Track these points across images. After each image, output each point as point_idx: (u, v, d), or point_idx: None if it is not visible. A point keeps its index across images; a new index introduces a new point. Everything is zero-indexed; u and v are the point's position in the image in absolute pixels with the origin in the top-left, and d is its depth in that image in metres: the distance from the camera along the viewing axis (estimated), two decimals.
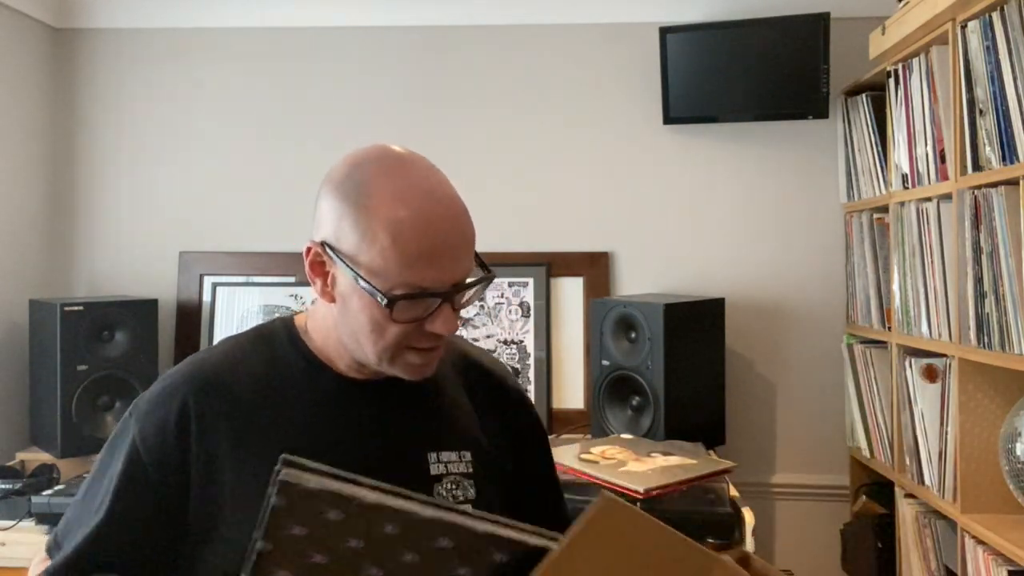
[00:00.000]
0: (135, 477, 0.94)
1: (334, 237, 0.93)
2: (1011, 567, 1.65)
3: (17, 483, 2.05)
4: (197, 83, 2.71)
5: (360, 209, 0.91)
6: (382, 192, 0.91)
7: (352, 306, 0.94)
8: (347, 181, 0.93)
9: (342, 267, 0.92)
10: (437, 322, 0.93)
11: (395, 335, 0.93)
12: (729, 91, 2.51)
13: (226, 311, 2.59)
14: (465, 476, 1.01)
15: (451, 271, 0.92)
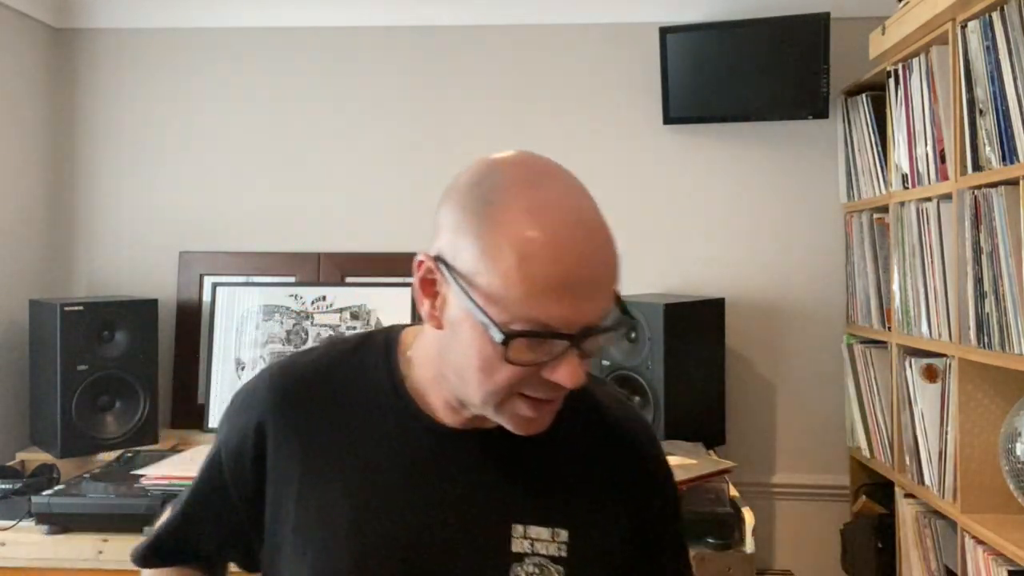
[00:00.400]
0: (214, 481, 0.94)
1: (451, 252, 0.78)
2: (1011, 567, 1.65)
3: (17, 483, 2.05)
4: (197, 83, 2.71)
5: (485, 220, 0.75)
6: (514, 203, 0.75)
7: (462, 336, 0.78)
8: (475, 187, 0.79)
9: (455, 288, 0.77)
10: (559, 370, 0.76)
11: (506, 378, 0.77)
12: (729, 91, 2.51)
13: (226, 311, 2.59)
14: (554, 560, 0.84)
15: (585, 310, 0.75)
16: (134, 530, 1.86)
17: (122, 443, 2.31)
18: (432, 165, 2.67)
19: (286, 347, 2.54)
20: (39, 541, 1.85)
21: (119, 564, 1.84)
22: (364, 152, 2.69)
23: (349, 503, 0.85)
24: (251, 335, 2.56)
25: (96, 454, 2.28)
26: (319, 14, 2.68)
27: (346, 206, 2.68)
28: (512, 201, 0.75)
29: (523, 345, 0.74)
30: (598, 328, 0.76)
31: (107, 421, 2.32)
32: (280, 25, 2.69)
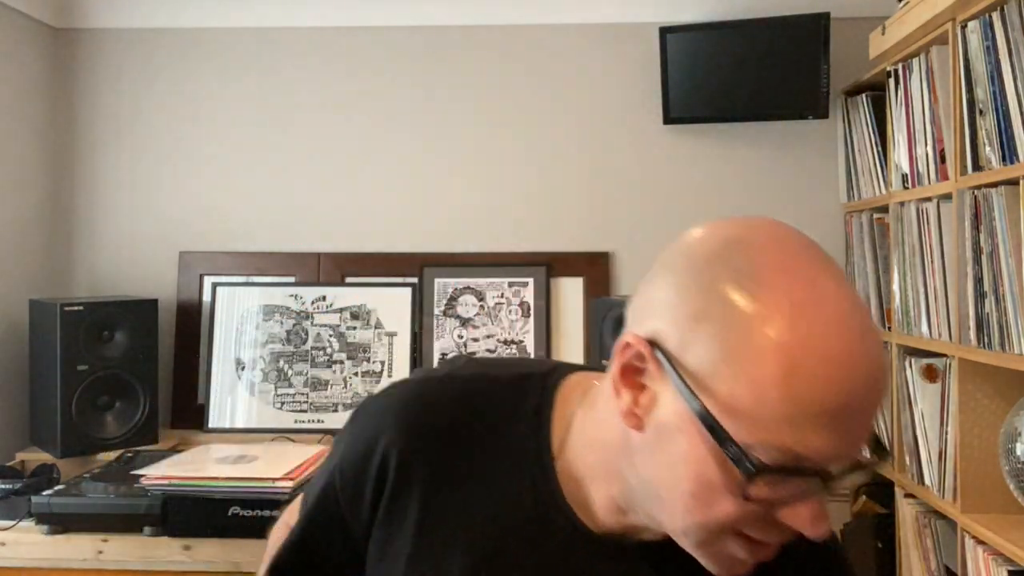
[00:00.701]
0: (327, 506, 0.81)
1: (676, 341, 0.62)
2: (1011, 567, 1.65)
3: (17, 483, 2.05)
4: (197, 83, 2.71)
5: (735, 311, 0.59)
6: (780, 296, 0.58)
7: (672, 449, 0.62)
8: (719, 264, 0.62)
9: (679, 388, 0.61)
10: (801, 514, 0.60)
11: (729, 515, 0.60)
12: (729, 91, 2.51)
13: (226, 311, 2.59)
14: None
15: (850, 443, 0.59)
16: (134, 530, 1.86)
17: (122, 443, 2.31)
18: (432, 165, 2.67)
19: (286, 347, 2.54)
20: (39, 541, 1.85)
21: (119, 564, 1.85)
22: (364, 152, 2.69)
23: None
24: (251, 335, 2.56)
25: (96, 454, 2.28)
26: (319, 14, 2.68)
27: (346, 206, 2.68)
28: (776, 293, 0.58)
29: (770, 481, 0.58)
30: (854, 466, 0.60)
31: (107, 421, 2.32)
32: (280, 25, 2.69)
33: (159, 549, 1.84)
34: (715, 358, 0.59)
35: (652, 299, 0.65)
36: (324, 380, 2.52)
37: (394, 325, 2.56)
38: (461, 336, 2.58)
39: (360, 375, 2.53)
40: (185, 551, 1.83)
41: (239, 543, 1.82)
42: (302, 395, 2.51)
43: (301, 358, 2.54)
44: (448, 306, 2.59)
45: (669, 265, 0.66)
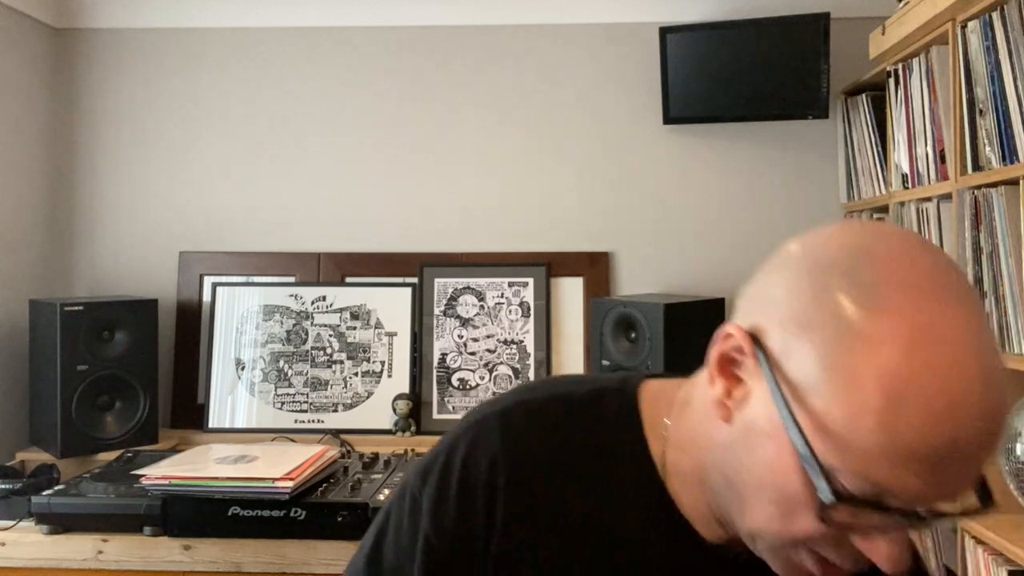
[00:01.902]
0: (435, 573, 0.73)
1: (779, 342, 0.59)
2: (1011, 567, 1.65)
3: (17, 483, 2.05)
4: (197, 83, 2.71)
5: (847, 328, 0.55)
6: (898, 319, 0.54)
7: (759, 451, 0.60)
8: (840, 272, 0.58)
9: (772, 391, 0.58)
10: (881, 548, 0.57)
11: (804, 532, 0.59)
12: (729, 91, 2.51)
13: (226, 311, 2.59)
14: None
15: (947, 489, 0.55)
16: (134, 530, 1.86)
17: (122, 443, 2.31)
18: (432, 165, 2.67)
19: (286, 347, 2.54)
20: (39, 541, 1.85)
21: (119, 564, 1.85)
22: (364, 152, 2.69)
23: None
24: (251, 335, 2.56)
25: (96, 454, 2.28)
26: (319, 14, 2.68)
27: (346, 206, 2.68)
28: (894, 315, 0.54)
29: (848, 510, 0.55)
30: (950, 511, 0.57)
31: (107, 421, 2.32)
32: (280, 25, 2.69)
33: (159, 549, 1.84)
34: (816, 371, 0.56)
35: (764, 293, 0.63)
36: (324, 380, 2.52)
37: (394, 325, 2.56)
38: (461, 336, 2.58)
39: (360, 375, 2.53)
40: (185, 551, 1.83)
41: (239, 543, 1.82)
42: (302, 395, 2.51)
43: (301, 358, 2.54)
44: (448, 306, 2.59)
45: (788, 262, 0.63)
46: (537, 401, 0.76)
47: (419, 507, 0.74)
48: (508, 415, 0.74)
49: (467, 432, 0.74)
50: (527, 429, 0.73)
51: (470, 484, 0.71)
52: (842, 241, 0.60)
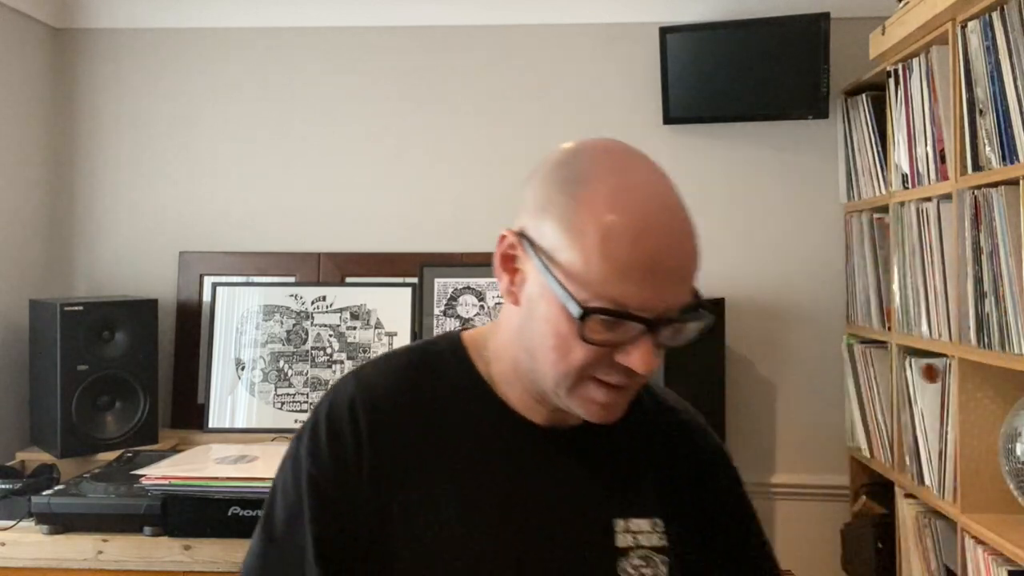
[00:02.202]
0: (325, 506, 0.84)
1: (535, 228, 0.80)
2: (1011, 567, 1.65)
3: (17, 483, 2.05)
4: (197, 83, 2.71)
5: (571, 198, 0.76)
6: (601, 184, 0.76)
7: (538, 313, 0.78)
8: (562, 168, 0.80)
9: (536, 264, 0.78)
10: (633, 355, 0.76)
11: (580, 359, 0.76)
12: (729, 91, 2.51)
13: (226, 311, 2.59)
14: (657, 551, 0.84)
15: (662, 296, 0.75)
16: (134, 530, 1.86)
17: (122, 443, 2.31)
18: (432, 165, 2.67)
19: (286, 347, 2.54)
20: (39, 541, 1.85)
21: (119, 564, 1.85)
22: (364, 152, 2.69)
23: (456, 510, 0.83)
24: (251, 335, 2.56)
25: (96, 454, 2.28)
26: (319, 14, 2.68)
27: (346, 206, 2.68)
28: (598, 183, 0.76)
29: (599, 324, 0.74)
30: (675, 317, 0.77)
31: (107, 421, 2.32)
32: (280, 25, 2.69)
33: (159, 549, 1.84)
34: (558, 237, 0.76)
35: (522, 202, 0.83)
36: (324, 380, 2.52)
37: (394, 325, 2.56)
38: None
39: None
40: (185, 551, 1.83)
41: (239, 543, 1.81)
42: (302, 395, 2.51)
43: (301, 358, 2.54)
44: (448, 306, 2.59)
45: (531, 176, 0.84)
46: (381, 357, 0.93)
47: (299, 461, 0.86)
48: (358, 371, 0.91)
49: (327, 395, 0.89)
50: (375, 374, 0.89)
51: (336, 426, 0.84)
52: (564, 151, 0.82)
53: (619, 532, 0.84)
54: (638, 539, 0.84)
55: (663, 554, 0.85)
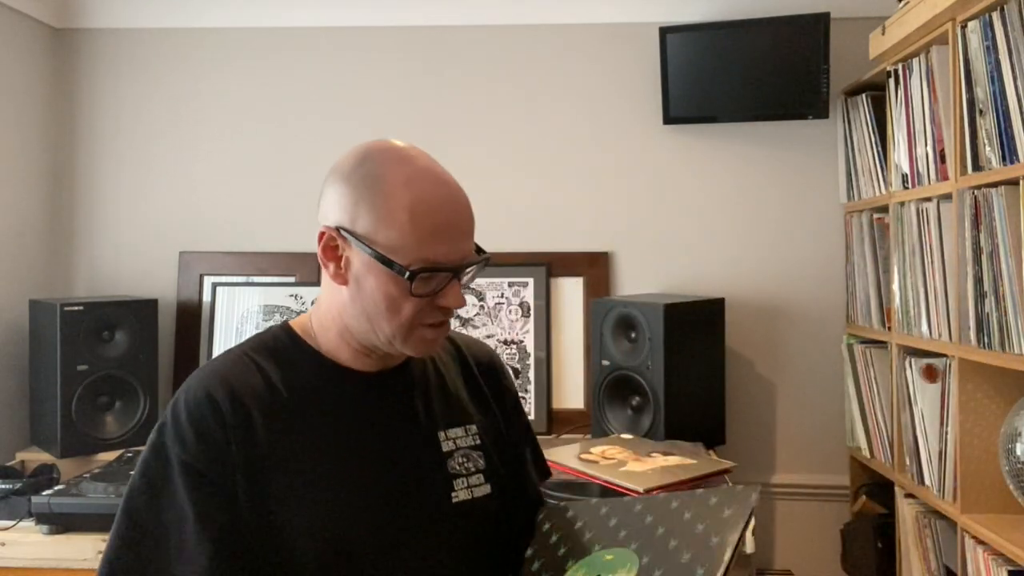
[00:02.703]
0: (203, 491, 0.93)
1: (349, 221, 0.98)
2: (1011, 567, 1.65)
3: (17, 483, 2.05)
4: (197, 83, 2.71)
5: (377, 193, 0.96)
6: (396, 177, 0.96)
7: (367, 286, 0.98)
8: (359, 169, 0.99)
9: (358, 248, 0.97)
10: (449, 296, 0.99)
11: (410, 311, 0.98)
12: (729, 91, 2.51)
13: (226, 311, 2.59)
14: (473, 448, 1.08)
15: (459, 249, 0.98)
16: None
17: (122, 443, 2.31)
18: None
19: None
20: (39, 541, 1.85)
21: None
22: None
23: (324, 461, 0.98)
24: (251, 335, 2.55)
25: (96, 454, 2.28)
26: (319, 14, 2.68)
27: None
28: (394, 175, 0.97)
29: (422, 280, 0.96)
30: (469, 262, 1.00)
31: (107, 421, 2.32)
32: (280, 25, 2.69)
33: None
34: (374, 222, 0.96)
35: (327, 205, 1.02)
36: None
37: None
38: None
39: None
40: None
41: None
42: None
43: None
44: None
45: (332, 180, 1.02)
46: (216, 356, 1.06)
47: (166, 449, 0.95)
48: (201, 370, 1.02)
49: (179, 394, 0.99)
50: (220, 365, 1.02)
51: (197, 412, 0.96)
52: (354, 155, 1.01)
53: (443, 441, 1.06)
54: (457, 443, 1.07)
55: (478, 450, 1.09)
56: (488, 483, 1.07)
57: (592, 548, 1.00)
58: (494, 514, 1.08)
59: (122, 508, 0.95)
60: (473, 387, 1.16)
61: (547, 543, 1.06)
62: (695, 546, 0.90)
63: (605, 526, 1.02)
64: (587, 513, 1.06)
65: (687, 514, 0.95)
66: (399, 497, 1.01)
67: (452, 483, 1.04)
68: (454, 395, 1.12)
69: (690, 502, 0.97)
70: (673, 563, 0.90)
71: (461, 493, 1.04)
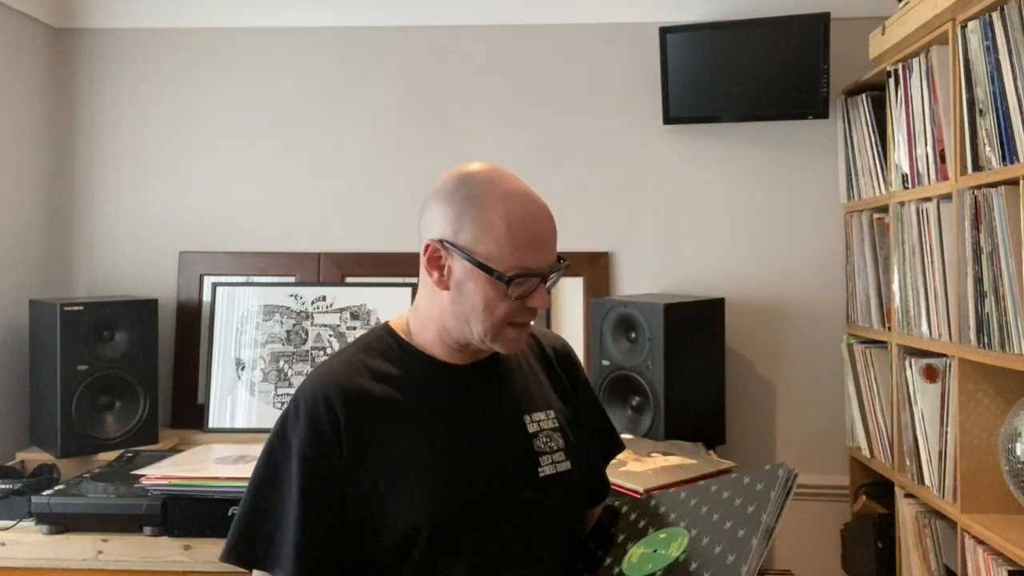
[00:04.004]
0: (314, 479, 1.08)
1: (452, 234, 1.12)
2: (1011, 567, 1.65)
3: (17, 483, 2.05)
4: (197, 83, 2.71)
5: (477, 210, 1.11)
6: (494, 195, 1.12)
7: (467, 291, 1.12)
8: (460, 189, 1.13)
9: (460, 257, 1.12)
10: (537, 298, 1.13)
11: (504, 311, 1.12)
12: (729, 91, 2.51)
13: (226, 311, 2.59)
14: (554, 430, 1.21)
15: (547, 256, 1.14)
16: (134, 530, 1.86)
17: (122, 443, 2.31)
18: (432, 165, 2.66)
19: (286, 347, 2.54)
20: (39, 541, 1.85)
21: (119, 564, 1.85)
22: (364, 152, 2.69)
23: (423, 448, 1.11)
24: (251, 335, 2.56)
25: (96, 454, 2.28)
26: (319, 14, 2.68)
27: (346, 206, 2.68)
28: (491, 194, 1.12)
29: (517, 284, 1.10)
30: (554, 269, 1.15)
31: (107, 421, 2.32)
32: (280, 25, 2.69)
33: (159, 549, 1.84)
34: (476, 234, 1.11)
35: (430, 221, 1.16)
36: None
37: None
38: None
39: None
40: (185, 551, 1.83)
41: None
42: None
43: (301, 358, 2.54)
44: None
45: (434, 199, 1.16)
46: (328, 358, 1.23)
47: (288, 439, 1.10)
48: (317, 370, 1.17)
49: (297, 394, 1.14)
50: (334, 367, 1.16)
51: (314, 412, 1.10)
52: (454, 177, 1.16)
53: (528, 423, 1.19)
54: (541, 425, 1.20)
55: (558, 431, 1.21)
56: (568, 460, 1.20)
57: (648, 531, 1.16)
58: (575, 486, 1.21)
59: (249, 484, 1.13)
60: (552, 375, 1.29)
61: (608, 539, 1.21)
62: (735, 516, 1.07)
63: (657, 513, 1.18)
64: (639, 506, 1.22)
65: (726, 493, 1.12)
66: (493, 473, 1.13)
67: (539, 459, 1.17)
68: (536, 383, 1.26)
69: (728, 483, 1.14)
70: (718, 531, 1.06)
71: (547, 468, 1.17)
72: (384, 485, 1.09)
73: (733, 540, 1.03)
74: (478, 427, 1.16)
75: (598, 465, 1.32)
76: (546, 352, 1.32)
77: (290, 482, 1.09)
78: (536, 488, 1.16)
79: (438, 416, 1.15)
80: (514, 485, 1.15)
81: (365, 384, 1.13)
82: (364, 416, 1.11)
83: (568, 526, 1.22)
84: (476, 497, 1.11)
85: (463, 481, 1.11)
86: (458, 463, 1.12)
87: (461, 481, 1.11)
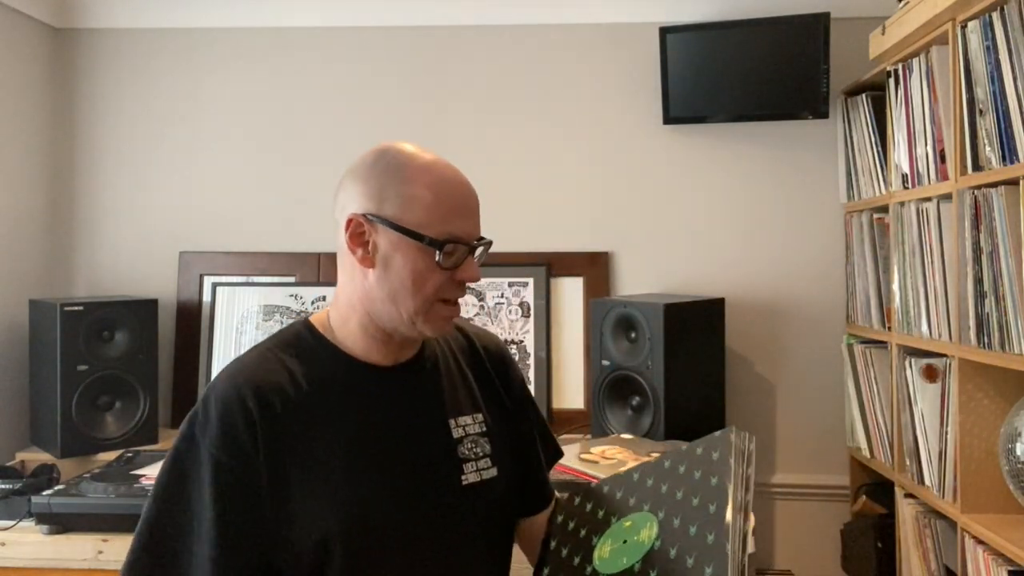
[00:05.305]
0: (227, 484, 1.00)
1: (376, 207, 1.06)
2: (1011, 567, 1.65)
3: (17, 483, 2.05)
4: (197, 83, 2.72)
5: (401, 179, 1.06)
6: (416, 165, 1.07)
7: (395, 264, 1.06)
8: (379, 162, 1.08)
9: (386, 230, 1.05)
10: (467, 270, 1.08)
11: (434, 285, 1.06)
12: (730, 91, 2.51)
13: (226, 311, 2.59)
14: (480, 435, 1.16)
15: (474, 226, 1.10)
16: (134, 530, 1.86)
17: (122, 443, 2.31)
18: None
19: None
20: (39, 541, 1.85)
21: (119, 564, 1.83)
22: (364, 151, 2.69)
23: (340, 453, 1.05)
24: (251, 335, 2.56)
25: (96, 454, 2.28)
26: (319, 14, 2.68)
27: None
28: (414, 163, 1.07)
29: (446, 253, 1.05)
30: (481, 241, 1.10)
31: (107, 421, 2.32)
32: (280, 25, 2.69)
33: None
34: (402, 204, 1.05)
35: (347, 197, 1.08)
36: None
37: None
38: None
39: None
40: None
41: None
42: None
43: None
44: None
45: (353, 175, 1.09)
46: (244, 353, 1.12)
47: (195, 439, 1.02)
48: (229, 367, 1.08)
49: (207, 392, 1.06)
50: (248, 363, 1.08)
51: (225, 410, 1.02)
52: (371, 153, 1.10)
53: (453, 428, 1.13)
54: (466, 430, 1.15)
55: (485, 436, 1.16)
56: (495, 467, 1.15)
57: (611, 521, 1.09)
58: (500, 495, 1.15)
59: (153, 491, 1.04)
60: (483, 376, 1.23)
61: (567, 531, 1.13)
62: (700, 490, 1.03)
63: (614, 500, 1.11)
64: (593, 496, 1.15)
65: (681, 468, 1.08)
66: (413, 481, 1.08)
67: (462, 467, 1.11)
68: (463, 384, 1.19)
69: (680, 456, 1.10)
70: (687, 509, 1.01)
71: (471, 476, 1.12)
72: (298, 492, 1.01)
73: (706, 518, 0.98)
74: (398, 432, 1.09)
75: (538, 473, 1.27)
76: (478, 351, 1.25)
77: (200, 489, 1.00)
78: (459, 496, 1.10)
79: (356, 420, 1.07)
80: (435, 493, 1.08)
81: (281, 382, 1.06)
82: (280, 416, 1.03)
83: (497, 536, 1.16)
84: (394, 506, 1.05)
85: (379, 488, 1.05)
86: (375, 469, 1.05)
87: (377, 488, 1.05)
